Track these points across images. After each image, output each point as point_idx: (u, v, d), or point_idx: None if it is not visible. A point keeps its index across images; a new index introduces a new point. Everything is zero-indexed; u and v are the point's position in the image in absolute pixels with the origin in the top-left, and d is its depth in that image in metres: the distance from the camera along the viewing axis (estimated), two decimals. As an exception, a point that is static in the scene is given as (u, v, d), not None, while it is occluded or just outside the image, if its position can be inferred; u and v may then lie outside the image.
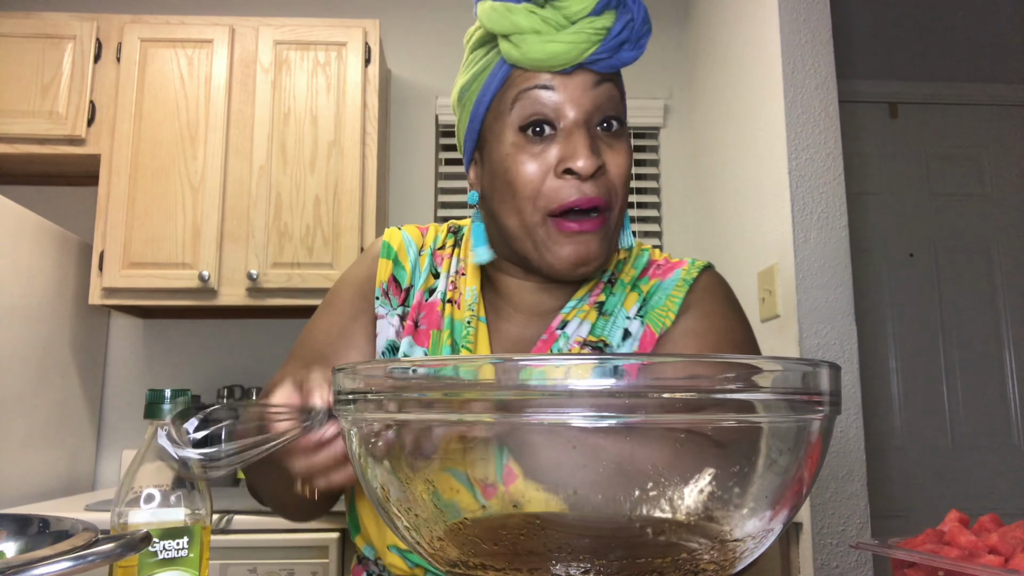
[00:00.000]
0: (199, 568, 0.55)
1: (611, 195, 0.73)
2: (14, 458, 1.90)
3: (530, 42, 0.71)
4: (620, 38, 0.72)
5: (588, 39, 0.70)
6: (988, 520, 0.56)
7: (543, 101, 0.72)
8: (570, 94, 0.72)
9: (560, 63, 0.71)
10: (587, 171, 0.70)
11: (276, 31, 2.23)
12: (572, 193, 0.71)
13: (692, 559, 0.40)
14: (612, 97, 0.74)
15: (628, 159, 0.75)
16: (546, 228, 0.73)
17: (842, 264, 1.79)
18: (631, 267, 0.86)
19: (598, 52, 0.71)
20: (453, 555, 0.41)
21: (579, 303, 0.82)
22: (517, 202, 0.73)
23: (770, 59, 1.93)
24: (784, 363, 0.39)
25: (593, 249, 0.73)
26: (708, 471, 0.40)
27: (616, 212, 0.75)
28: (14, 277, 1.89)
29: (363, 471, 0.44)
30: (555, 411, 0.36)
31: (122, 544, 0.43)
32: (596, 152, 0.72)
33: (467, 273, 0.85)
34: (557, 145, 0.72)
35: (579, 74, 0.72)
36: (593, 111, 0.73)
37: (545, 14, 0.71)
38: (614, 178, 0.74)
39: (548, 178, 0.72)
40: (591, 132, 0.73)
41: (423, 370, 0.40)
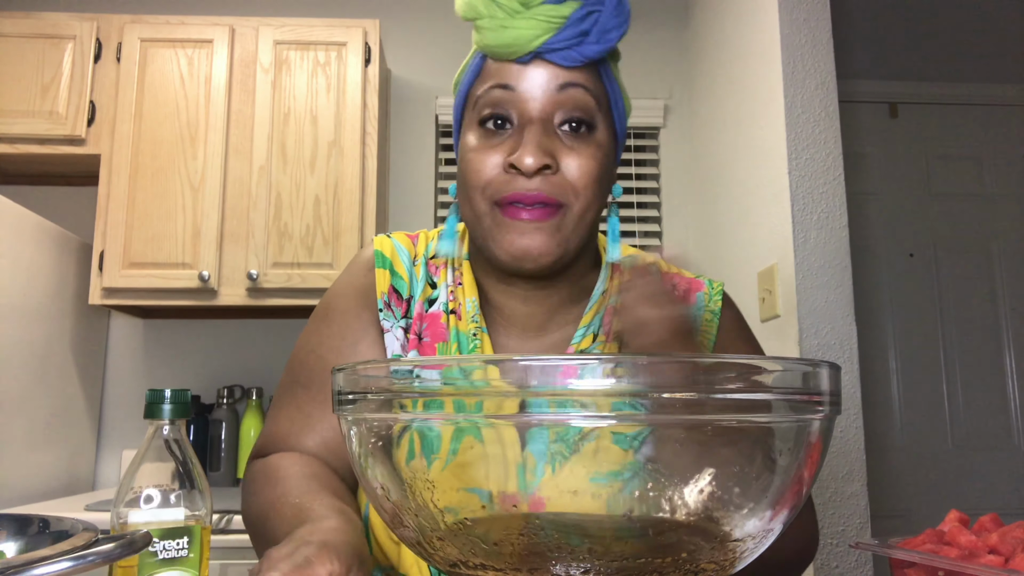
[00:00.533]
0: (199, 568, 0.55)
1: (566, 194, 0.71)
2: (14, 458, 1.90)
3: (487, 28, 0.70)
4: (580, 27, 0.69)
5: (540, 25, 0.68)
6: (988, 520, 0.56)
7: (502, 101, 0.72)
8: (529, 91, 0.71)
9: (515, 51, 0.70)
10: (529, 168, 0.69)
11: (276, 31, 2.23)
12: (516, 187, 0.70)
13: (692, 559, 0.40)
14: (578, 102, 0.71)
15: (594, 162, 0.72)
16: (493, 216, 0.72)
17: (842, 264, 1.79)
18: None
19: (554, 41, 0.69)
20: (453, 555, 0.41)
21: (587, 329, 0.79)
22: (469, 191, 0.73)
23: (770, 59, 1.93)
24: (784, 363, 0.39)
25: (539, 242, 0.71)
26: (708, 471, 0.40)
27: (577, 212, 0.72)
28: (14, 277, 1.89)
29: (363, 471, 0.44)
30: (555, 411, 0.36)
31: (122, 544, 0.43)
32: (544, 150, 0.70)
33: (464, 284, 0.82)
34: (510, 140, 0.72)
35: (540, 69, 0.71)
36: (552, 110, 0.71)
37: (501, 0, 0.69)
38: (573, 179, 0.71)
39: (497, 171, 0.71)
40: (548, 131, 0.71)
41: (423, 370, 0.40)
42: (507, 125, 0.72)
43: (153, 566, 0.53)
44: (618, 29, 0.71)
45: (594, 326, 0.79)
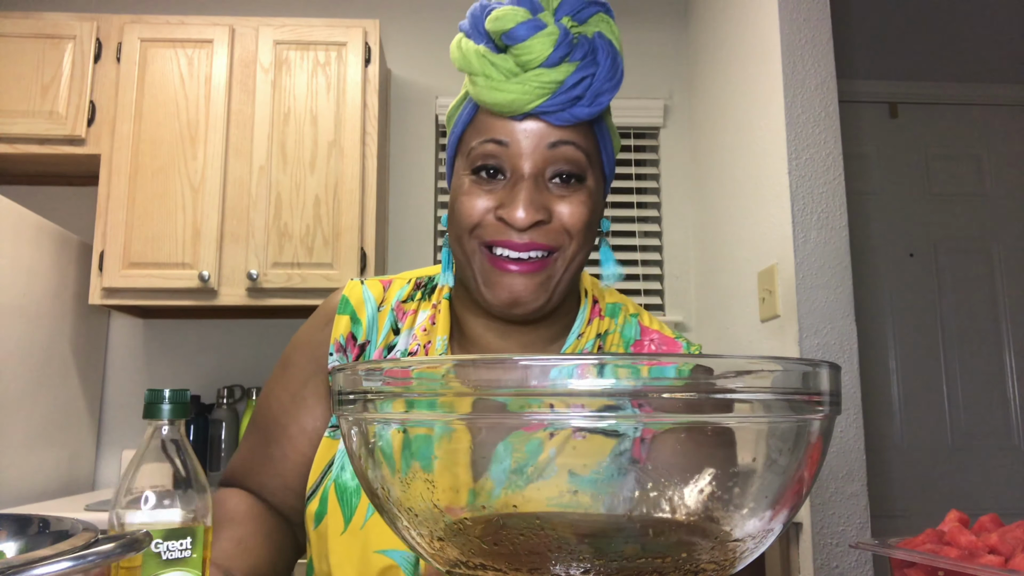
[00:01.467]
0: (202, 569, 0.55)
1: (558, 239, 0.73)
2: (14, 458, 1.90)
3: (481, 85, 0.72)
4: (572, 93, 0.70)
5: (534, 91, 0.70)
6: (988, 520, 0.56)
7: (495, 155, 0.73)
8: (522, 149, 0.72)
9: (508, 111, 0.71)
10: (520, 224, 0.71)
11: (276, 31, 2.23)
12: (509, 236, 0.72)
13: (692, 559, 0.40)
14: (569, 158, 0.73)
15: (585, 209, 0.74)
16: (481, 257, 0.74)
17: (842, 264, 1.79)
18: (619, 338, 0.84)
19: (547, 104, 0.70)
20: (453, 555, 0.41)
21: None
22: (459, 231, 0.75)
23: (770, 59, 1.93)
24: (784, 363, 0.39)
25: (529, 290, 0.73)
26: (708, 471, 0.40)
27: (568, 257, 0.74)
28: (14, 277, 1.89)
29: (363, 471, 0.44)
30: (555, 411, 0.36)
31: (122, 544, 0.43)
32: (537, 206, 0.71)
33: (438, 322, 0.83)
34: (503, 191, 0.73)
35: (533, 126, 0.72)
36: (544, 166, 0.73)
37: (496, 59, 0.71)
38: (567, 225, 0.73)
39: (488, 216, 0.73)
40: (539, 185, 0.73)
41: (424, 370, 0.40)
42: (499, 176, 0.74)
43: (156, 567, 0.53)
44: (610, 93, 0.72)
45: None
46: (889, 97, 2.78)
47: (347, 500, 0.77)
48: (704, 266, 2.47)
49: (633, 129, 2.65)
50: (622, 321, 0.86)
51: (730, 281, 2.22)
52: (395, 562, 0.74)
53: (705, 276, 2.46)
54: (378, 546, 0.74)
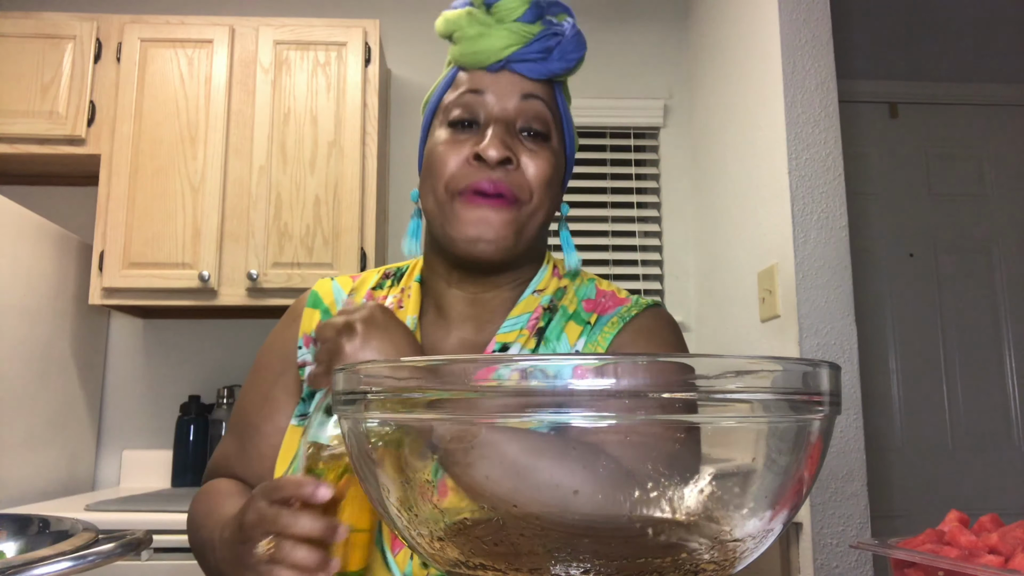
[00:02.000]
0: None
1: (523, 191, 0.78)
2: (14, 458, 1.90)
3: (463, 39, 0.80)
4: (547, 44, 0.79)
5: (512, 37, 0.78)
6: (988, 520, 0.56)
7: (472, 102, 0.79)
8: (495, 96, 0.79)
9: (487, 57, 0.79)
10: (493, 159, 0.76)
11: (276, 31, 2.23)
12: (478, 177, 0.77)
13: (692, 559, 0.40)
14: (538, 113, 0.80)
15: (549, 166, 0.80)
16: (453, 205, 0.78)
17: (842, 264, 1.79)
18: (573, 295, 0.87)
19: (522, 52, 0.78)
20: (453, 555, 0.41)
21: (515, 324, 0.83)
22: (434, 182, 0.80)
23: (770, 59, 1.93)
24: (784, 363, 0.39)
25: (494, 226, 0.77)
26: (708, 471, 0.40)
27: (530, 210, 0.79)
28: (14, 277, 1.89)
29: (363, 472, 0.44)
30: (555, 411, 0.36)
31: (122, 544, 0.43)
32: (507, 146, 0.77)
33: (406, 305, 0.87)
34: (476, 136, 0.79)
35: (508, 77, 0.79)
36: (515, 115, 0.79)
37: (479, 15, 0.80)
38: (530, 177, 0.79)
39: (462, 164, 0.78)
40: (510, 131, 0.79)
41: (424, 369, 0.40)
42: (474, 125, 0.80)
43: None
44: (577, 52, 0.81)
45: (521, 321, 0.83)
46: (889, 97, 2.78)
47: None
48: (704, 266, 2.47)
49: (633, 129, 2.65)
50: (579, 283, 0.90)
51: (730, 281, 2.22)
52: None
53: (705, 276, 2.46)
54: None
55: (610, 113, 2.62)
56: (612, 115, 2.62)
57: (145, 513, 1.73)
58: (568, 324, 0.84)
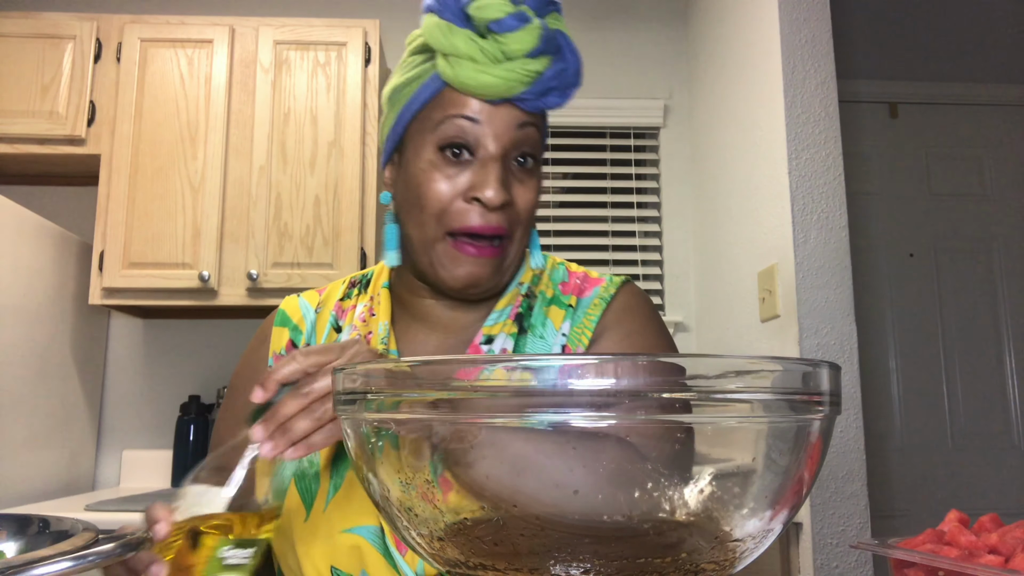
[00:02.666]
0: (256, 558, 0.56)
1: (514, 226, 0.78)
2: (14, 458, 1.90)
3: (465, 67, 0.74)
4: (549, 84, 0.75)
5: (519, 78, 0.74)
6: (988, 520, 0.56)
7: (466, 131, 0.75)
8: (494, 128, 0.75)
9: (489, 94, 0.74)
10: (494, 203, 0.74)
11: (276, 31, 2.23)
12: (476, 219, 0.75)
13: (692, 559, 0.40)
14: (532, 138, 0.78)
15: (535, 194, 0.79)
16: (444, 245, 0.77)
17: (842, 264, 1.79)
18: (548, 280, 0.88)
19: (526, 92, 0.74)
20: (453, 555, 0.41)
21: (500, 316, 0.83)
22: (422, 216, 0.77)
23: (770, 59, 1.93)
24: (784, 363, 0.39)
25: (487, 272, 0.77)
26: (708, 471, 0.40)
27: (516, 241, 0.79)
28: (14, 277, 1.89)
29: (363, 472, 0.44)
30: (555, 411, 0.36)
31: (122, 544, 0.43)
32: (506, 186, 0.75)
33: (378, 312, 0.86)
34: (471, 172, 0.76)
35: (505, 108, 0.76)
36: (512, 148, 0.77)
37: (484, 45, 0.73)
38: (520, 211, 0.78)
39: (456, 200, 0.76)
40: (506, 166, 0.77)
41: (423, 370, 0.40)
42: (464, 155, 0.76)
43: (216, 568, 0.54)
44: (575, 87, 0.78)
45: (506, 313, 0.84)
46: (889, 97, 2.78)
47: (307, 487, 0.78)
48: (704, 266, 2.47)
49: (633, 129, 2.65)
50: (550, 267, 0.90)
51: (730, 281, 2.22)
52: (363, 538, 0.75)
53: (705, 276, 2.46)
54: (343, 525, 0.75)
55: (610, 113, 2.62)
56: (612, 115, 2.62)
57: (145, 513, 1.72)
58: (550, 309, 0.85)
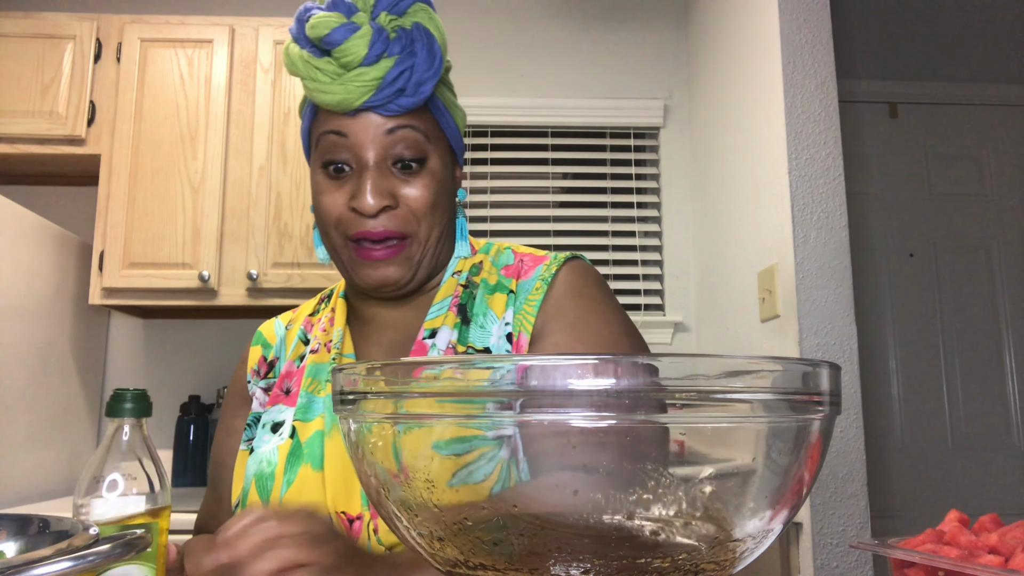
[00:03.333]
0: (156, 561, 0.56)
1: (409, 224, 0.79)
2: (14, 458, 1.90)
3: (310, 88, 0.77)
4: (395, 87, 0.75)
5: (358, 90, 0.75)
6: (988, 520, 0.56)
7: (338, 146, 0.78)
8: (359, 139, 0.77)
9: (340, 108, 0.76)
10: (368, 211, 0.76)
11: (276, 31, 2.23)
12: (363, 226, 0.78)
13: (692, 559, 0.40)
14: (408, 142, 0.78)
15: (428, 191, 0.79)
16: (348, 251, 0.80)
17: (842, 264, 1.79)
18: (491, 267, 0.87)
19: (372, 100, 0.75)
20: (453, 555, 0.41)
21: (440, 309, 0.84)
22: (325, 227, 0.81)
23: (770, 59, 1.93)
24: (784, 363, 0.39)
25: (392, 273, 0.79)
26: (708, 471, 0.40)
27: (421, 239, 0.80)
28: (14, 277, 1.89)
29: (363, 472, 0.44)
30: (555, 411, 0.36)
31: (122, 544, 0.43)
32: (383, 192, 0.77)
33: (335, 319, 0.89)
34: (350, 183, 0.79)
35: (367, 118, 0.77)
36: (384, 153, 0.78)
37: (320, 64, 0.76)
38: (413, 209, 0.79)
39: (343, 211, 0.79)
40: (382, 172, 0.78)
41: (423, 370, 0.40)
42: (346, 168, 0.79)
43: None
44: (431, 80, 0.77)
45: (445, 305, 0.84)
46: (889, 97, 2.78)
47: (263, 485, 0.80)
48: (704, 266, 2.47)
49: (633, 129, 2.65)
50: (494, 252, 0.90)
51: (730, 281, 2.22)
52: None
53: (705, 276, 2.46)
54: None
55: (610, 113, 2.62)
56: (612, 115, 2.62)
57: (145, 513, 1.72)
58: (492, 297, 0.84)
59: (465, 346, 0.80)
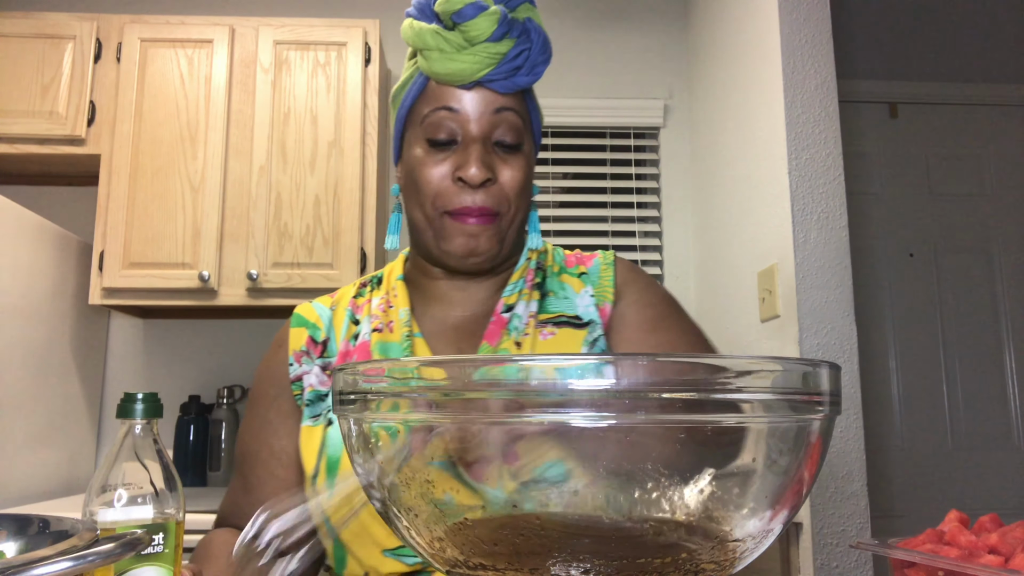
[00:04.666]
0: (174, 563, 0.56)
1: (502, 203, 0.84)
2: (14, 458, 1.90)
3: (435, 58, 0.82)
4: (514, 64, 0.82)
5: (483, 61, 0.81)
6: (988, 520, 0.56)
7: (447, 121, 0.83)
8: (471, 114, 0.83)
9: (459, 79, 0.81)
10: (475, 180, 0.81)
11: (276, 31, 2.23)
12: (464, 199, 0.82)
13: (692, 559, 0.40)
14: (511, 125, 0.84)
15: (523, 174, 0.85)
16: (443, 222, 0.84)
17: (842, 264, 1.79)
18: (553, 261, 0.96)
19: (493, 73, 0.81)
20: (453, 555, 0.41)
21: (516, 287, 0.90)
22: (421, 199, 0.84)
23: (770, 59, 1.93)
24: (784, 363, 0.39)
25: (483, 243, 0.84)
26: (708, 471, 0.40)
27: (510, 217, 0.85)
28: (14, 277, 1.89)
29: (363, 471, 0.44)
30: (555, 411, 0.36)
31: (122, 544, 0.43)
32: (487, 165, 0.82)
33: (395, 303, 0.91)
34: (456, 155, 0.83)
35: (480, 94, 0.83)
36: (490, 130, 0.83)
37: (448, 36, 0.81)
38: (508, 189, 0.84)
39: (445, 181, 0.83)
40: (486, 147, 0.83)
41: (423, 370, 0.40)
42: (451, 143, 0.83)
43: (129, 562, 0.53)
44: (544, 64, 0.84)
45: (520, 284, 0.90)
46: (889, 97, 2.78)
47: None
48: (704, 266, 2.47)
49: (633, 129, 2.65)
50: (551, 248, 0.98)
51: (730, 281, 2.22)
52: None
53: (705, 276, 2.46)
54: None
55: (610, 113, 2.62)
56: (612, 115, 2.62)
57: (145, 513, 1.72)
58: (562, 276, 0.93)
59: (549, 314, 0.88)
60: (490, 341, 0.85)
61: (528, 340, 0.85)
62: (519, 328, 0.86)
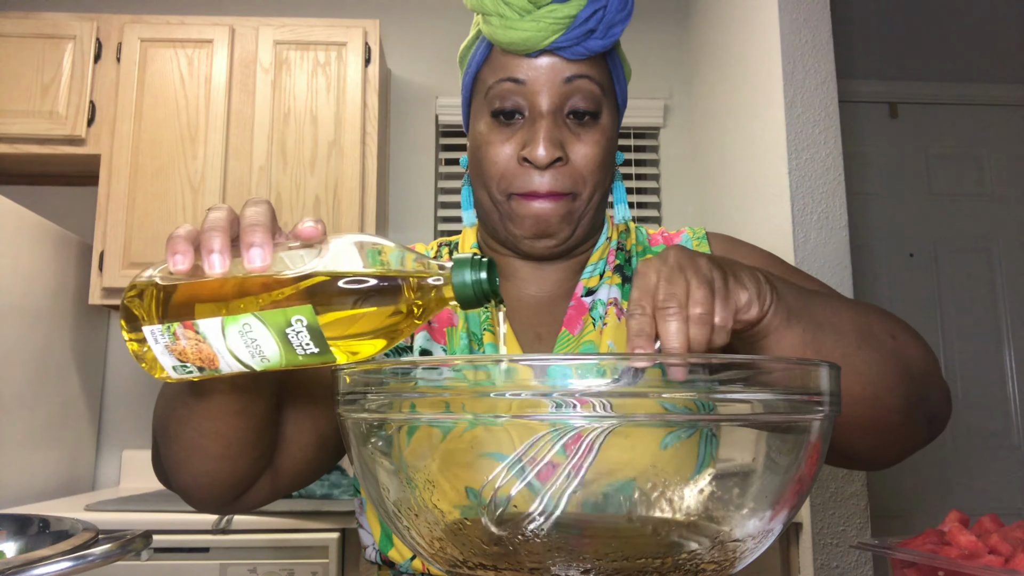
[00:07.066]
0: None
1: (577, 183, 0.75)
2: (14, 458, 1.90)
3: (495, 24, 0.72)
4: (586, 27, 0.71)
5: (549, 27, 0.70)
6: (988, 520, 0.56)
7: (513, 93, 0.74)
8: (538, 86, 0.73)
9: (523, 49, 0.72)
10: (542, 162, 0.72)
11: (276, 31, 2.23)
12: (530, 183, 0.73)
13: (692, 559, 0.40)
14: (585, 92, 0.74)
15: (600, 148, 0.75)
16: (510, 204, 0.75)
17: (842, 264, 1.79)
18: (636, 240, 0.88)
19: (562, 40, 0.71)
20: (453, 555, 0.41)
21: (596, 269, 0.82)
22: (486, 180, 0.76)
23: (770, 59, 1.93)
24: (784, 363, 0.39)
25: (553, 225, 0.75)
26: (708, 471, 0.40)
27: (585, 197, 0.76)
28: (14, 277, 1.89)
29: (364, 471, 0.44)
30: (555, 411, 0.36)
31: (122, 544, 0.43)
32: (555, 143, 0.72)
33: None
34: (522, 132, 0.74)
35: (548, 63, 0.73)
36: (561, 102, 0.74)
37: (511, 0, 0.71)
38: (581, 168, 0.74)
39: (511, 163, 0.74)
40: (556, 122, 0.74)
41: (423, 370, 0.40)
42: (517, 116, 0.75)
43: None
44: (622, 23, 0.73)
45: (600, 266, 0.82)
46: (889, 97, 2.78)
47: None
48: (704, 266, 2.47)
49: (633, 129, 2.65)
50: (634, 227, 0.89)
51: (730, 281, 2.21)
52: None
53: (705, 276, 2.46)
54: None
55: (610, 113, 2.62)
56: (612, 115, 2.62)
57: (145, 513, 1.73)
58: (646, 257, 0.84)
59: None
60: (570, 328, 0.78)
61: (609, 329, 0.78)
62: (601, 315, 0.79)
